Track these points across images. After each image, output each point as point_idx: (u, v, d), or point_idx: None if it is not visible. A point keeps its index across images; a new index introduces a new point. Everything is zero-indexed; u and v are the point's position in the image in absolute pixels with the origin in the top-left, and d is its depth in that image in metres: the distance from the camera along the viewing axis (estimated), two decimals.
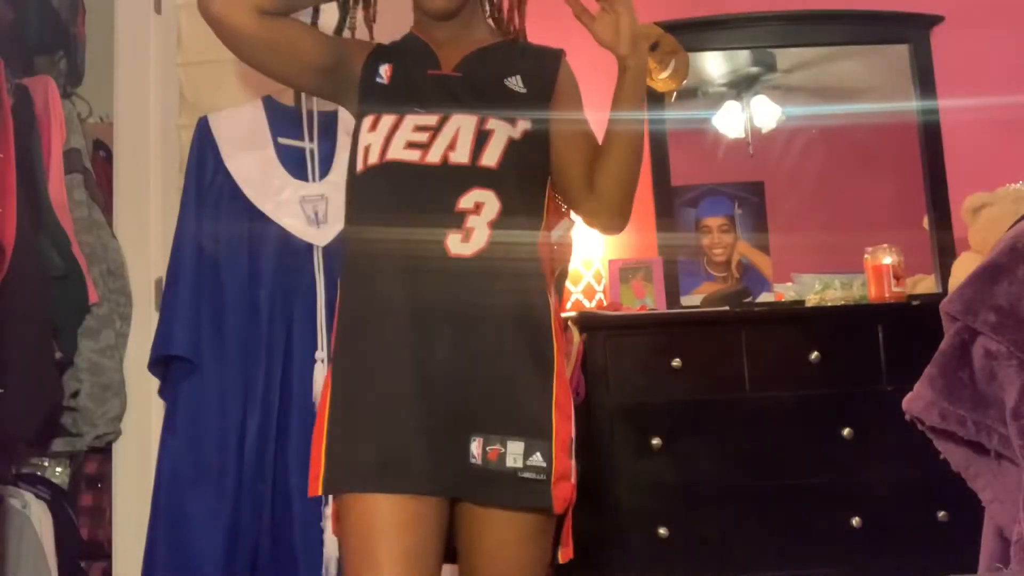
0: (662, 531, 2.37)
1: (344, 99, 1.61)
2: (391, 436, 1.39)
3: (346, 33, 1.68)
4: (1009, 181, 2.74)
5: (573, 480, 1.45)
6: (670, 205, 3.02)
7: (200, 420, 2.15)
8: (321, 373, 2.13)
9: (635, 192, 1.56)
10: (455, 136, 1.46)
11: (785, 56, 3.14)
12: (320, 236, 2.22)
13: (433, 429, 1.39)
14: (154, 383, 2.27)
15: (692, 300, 2.96)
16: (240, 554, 2.11)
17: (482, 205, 1.43)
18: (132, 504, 2.31)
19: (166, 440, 2.16)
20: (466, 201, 1.43)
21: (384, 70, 1.57)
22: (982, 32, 3.09)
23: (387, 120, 1.49)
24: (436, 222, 1.43)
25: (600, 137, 1.56)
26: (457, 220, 1.42)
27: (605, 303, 2.80)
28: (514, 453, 1.38)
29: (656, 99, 2.95)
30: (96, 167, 2.54)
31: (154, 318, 2.27)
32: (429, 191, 1.45)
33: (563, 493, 1.42)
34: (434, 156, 1.45)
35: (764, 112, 3.09)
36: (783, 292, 2.93)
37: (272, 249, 2.20)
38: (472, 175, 1.44)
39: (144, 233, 2.42)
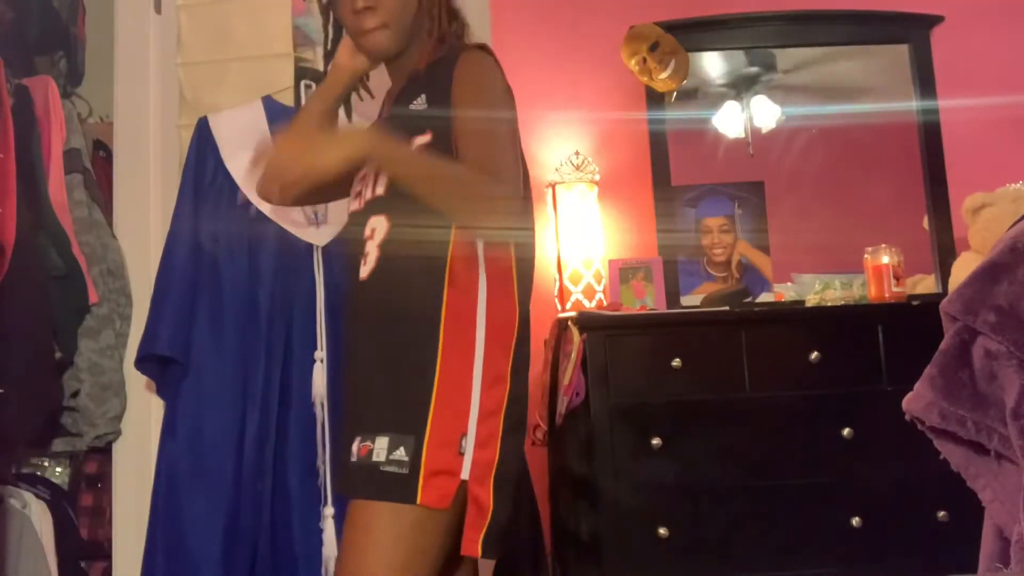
0: (662, 531, 2.37)
1: None
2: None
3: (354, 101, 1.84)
4: (1009, 181, 2.74)
5: (464, 476, 1.44)
6: (670, 205, 3.01)
7: (199, 420, 2.15)
8: (321, 373, 2.13)
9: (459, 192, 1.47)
10: (368, 177, 1.60)
11: (785, 56, 3.14)
12: (320, 236, 2.22)
13: (340, 436, 1.58)
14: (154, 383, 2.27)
15: (692, 300, 2.96)
16: (239, 554, 2.11)
17: (375, 230, 1.56)
18: (132, 504, 2.32)
19: (165, 440, 2.16)
20: (367, 230, 1.57)
21: None
22: (982, 32, 3.08)
23: (356, 177, 1.68)
24: (357, 254, 1.61)
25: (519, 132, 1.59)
26: (363, 248, 1.58)
27: (605, 303, 2.80)
28: (380, 448, 1.45)
29: (656, 99, 2.95)
30: (96, 167, 2.54)
31: None
32: (357, 230, 1.62)
33: (442, 489, 1.43)
34: (362, 201, 1.63)
35: (764, 112, 3.08)
36: (783, 292, 2.92)
37: (272, 249, 2.21)
38: (371, 206, 1.58)
39: (144, 233, 2.42)
